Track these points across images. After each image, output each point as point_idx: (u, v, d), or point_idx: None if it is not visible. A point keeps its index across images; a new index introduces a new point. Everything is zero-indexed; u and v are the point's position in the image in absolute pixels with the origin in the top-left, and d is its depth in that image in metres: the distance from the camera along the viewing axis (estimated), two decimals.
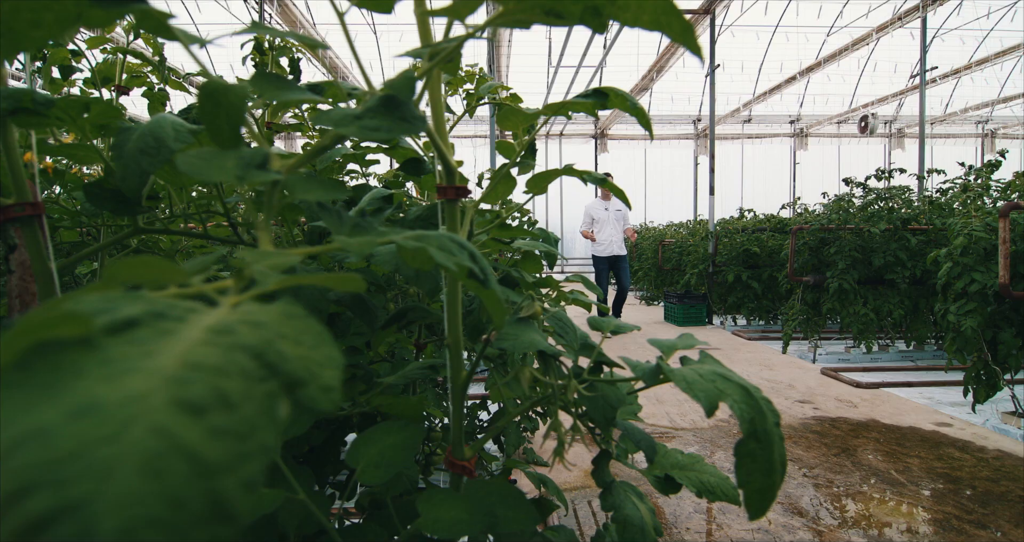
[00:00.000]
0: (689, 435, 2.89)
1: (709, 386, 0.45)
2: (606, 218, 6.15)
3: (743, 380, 0.48)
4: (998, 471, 2.39)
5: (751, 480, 0.42)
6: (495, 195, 0.75)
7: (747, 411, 0.43)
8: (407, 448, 0.55)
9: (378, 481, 0.52)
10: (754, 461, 0.42)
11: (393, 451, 0.54)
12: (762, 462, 0.42)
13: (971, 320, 2.99)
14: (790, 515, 2.01)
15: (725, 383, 0.46)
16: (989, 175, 3.67)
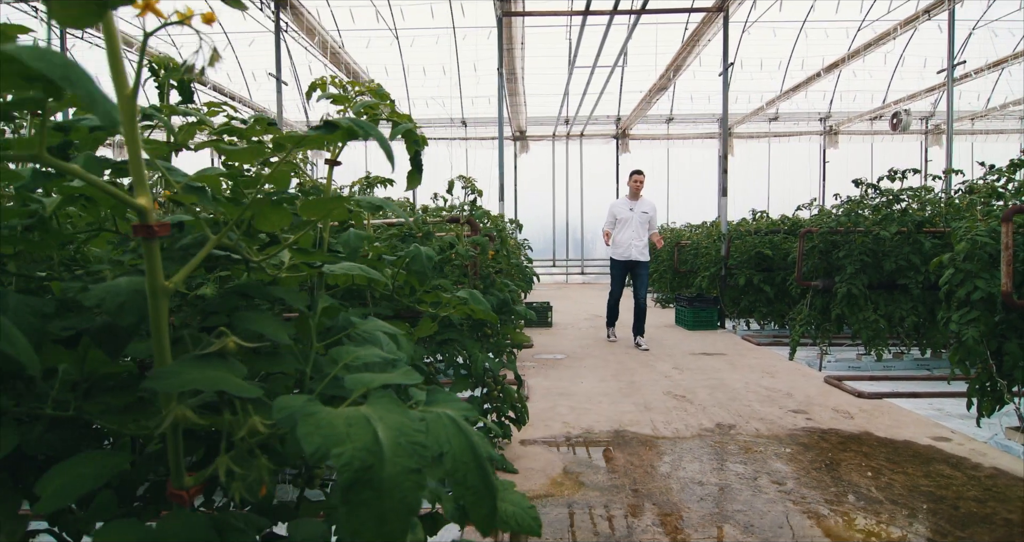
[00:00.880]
0: (667, 443, 2.83)
1: (333, 431, 0.43)
2: (629, 219, 5.46)
3: (396, 424, 0.46)
4: (988, 491, 2.26)
5: (362, 529, 0.40)
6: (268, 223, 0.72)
7: (362, 458, 0.41)
8: (98, 478, 0.51)
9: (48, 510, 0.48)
10: (368, 509, 0.41)
11: (82, 481, 0.53)
12: (375, 511, 0.41)
13: (973, 329, 2.83)
14: (748, 533, 1.95)
15: (362, 428, 0.44)
16: (1012, 175, 3.48)
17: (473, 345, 2.38)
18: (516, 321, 5.08)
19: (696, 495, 2.24)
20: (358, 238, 0.94)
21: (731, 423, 3.13)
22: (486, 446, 0.53)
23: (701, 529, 1.97)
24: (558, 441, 2.89)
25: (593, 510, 2.13)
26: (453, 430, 0.51)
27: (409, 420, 0.47)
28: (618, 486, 2.33)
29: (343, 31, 11.12)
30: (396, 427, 0.45)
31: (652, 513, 2.10)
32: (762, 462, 2.57)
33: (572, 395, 3.75)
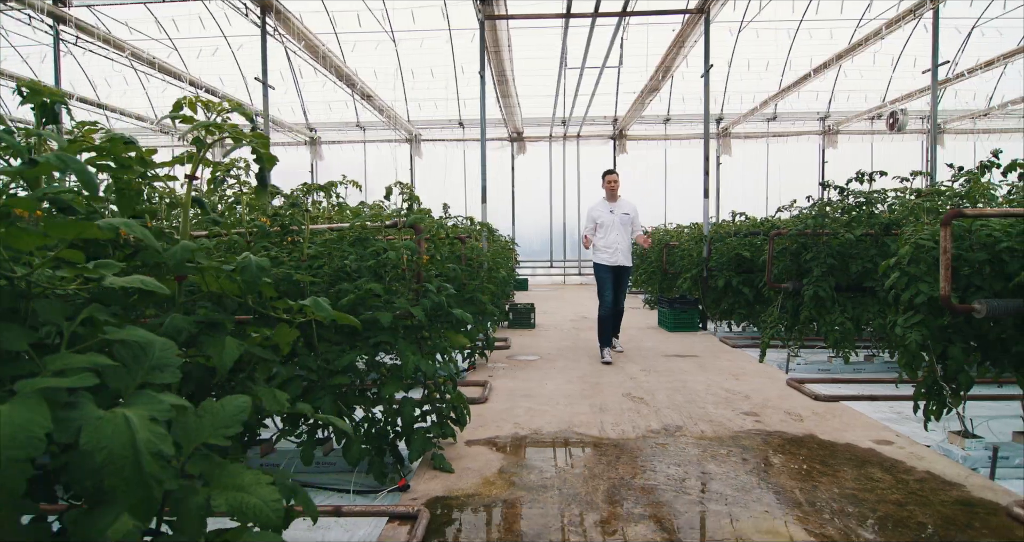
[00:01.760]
0: (610, 445, 2.86)
1: None
2: (611, 222, 5.17)
3: (23, 421, 0.52)
4: (912, 494, 2.27)
5: None
6: None
7: None
8: None
9: None
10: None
11: None
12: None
13: (916, 333, 2.84)
14: (658, 530, 1.99)
15: None
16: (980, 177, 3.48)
17: (406, 347, 2.44)
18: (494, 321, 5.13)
19: (620, 496, 2.28)
20: (184, 250, 1.00)
21: (679, 425, 3.16)
22: (163, 444, 0.58)
23: (613, 529, 2.01)
24: (504, 442, 2.94)
25: (513, 510, 2.18)
26: (120, 428, 0.57)
27: (39, 418, 0.53)
28: (547, 486, 2.38)
29: (340, 34, 11.26)
30: (21, 424, 0.51)
31: (571, 513, 2.14)
32: (696, 464, 2.60)
33: (534, 396, 3.79)
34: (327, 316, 1.22)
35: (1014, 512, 2.07)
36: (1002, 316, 2.63)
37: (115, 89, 11.87)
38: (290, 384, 2.40)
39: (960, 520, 2.07)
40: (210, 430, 0.79)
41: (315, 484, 2.63)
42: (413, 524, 2.04)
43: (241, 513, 0.74)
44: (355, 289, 2.37)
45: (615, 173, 5.35)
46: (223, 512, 0.74)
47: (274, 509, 0.76)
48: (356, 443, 2.47)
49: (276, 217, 2.52)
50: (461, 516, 2.15)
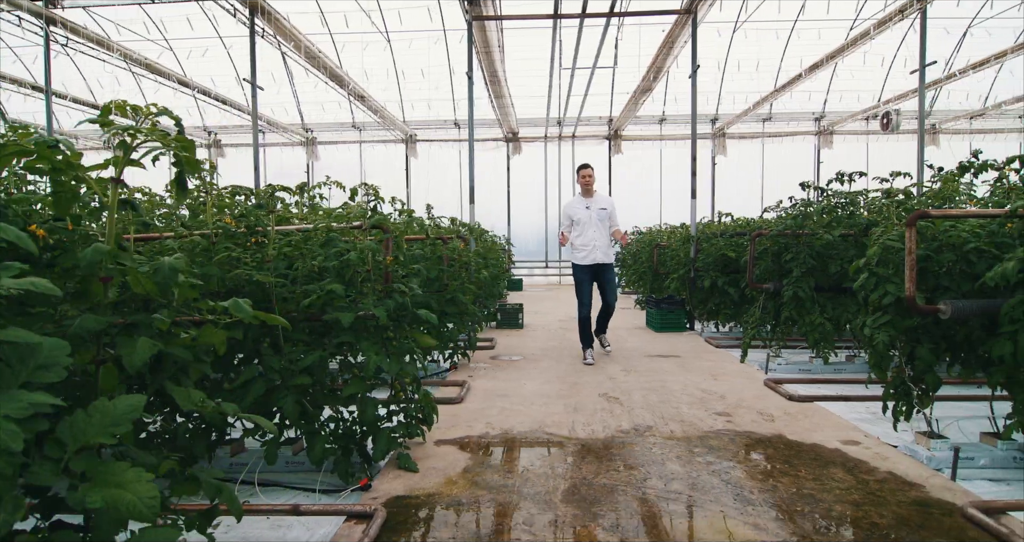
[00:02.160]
0: (577, 445, 2.87)
1: None
2: (587, 219, 4.97)
3: None
4: (870, 495, 2.28)
5: None
6: None
7: None
8: None
9: None
10: None
11: None
12: None
13: (883, 334, 2.84)
14: (610, 533, 2.00)
15: None
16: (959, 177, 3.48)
17: (368, 347, 2.46)
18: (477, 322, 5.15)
19: (579, 495, 2.29)
20: (96, 252, 1.02)
21: (650, 425, 3.17)
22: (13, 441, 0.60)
23: (565, 529, 2.03)
24: (473, 442, 2.95)
25: (470, 509, 2.20)
26: None
27: None
28: (507, 486, 2.40)
29: (334, 34, 11.28)
30: None
31: (527, 512, 2.16)
32: (660, 464, 2.61)
33: (510, 397, 3.81)
34: (247, 317, 1.24)
35: (968, 513, 2.08)
36: (967, 317, 2.63)
37: (108, 89, 11.92)
38: (252, 384, 2.43)
39: (914, 520, 2.07)
40: (99, 429, 0.80)
41: (284, 483, 2.65)
42: (368, 523, 2.05)
43: (115, 508, 0.75)
44: (318, 290, 2.39)
45: (589, 167, 5.11)
46: (97, 508, 0.75)
47: (148, 505, 0.77)
48: (319, 443, 2.50)
49: (242, 218, 2.53)
50: (418, 515, 2.16)
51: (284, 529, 2.25)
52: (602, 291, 5.09)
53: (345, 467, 2.53)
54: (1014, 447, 2.68)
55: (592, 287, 5.05)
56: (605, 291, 5.07)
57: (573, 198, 5.23)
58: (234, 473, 2.67)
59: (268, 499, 2.49)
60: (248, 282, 2.40)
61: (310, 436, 2.52)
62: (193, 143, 1.26)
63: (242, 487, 2.54)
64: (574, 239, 5.04)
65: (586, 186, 5.06)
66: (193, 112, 13.20)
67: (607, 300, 5.08)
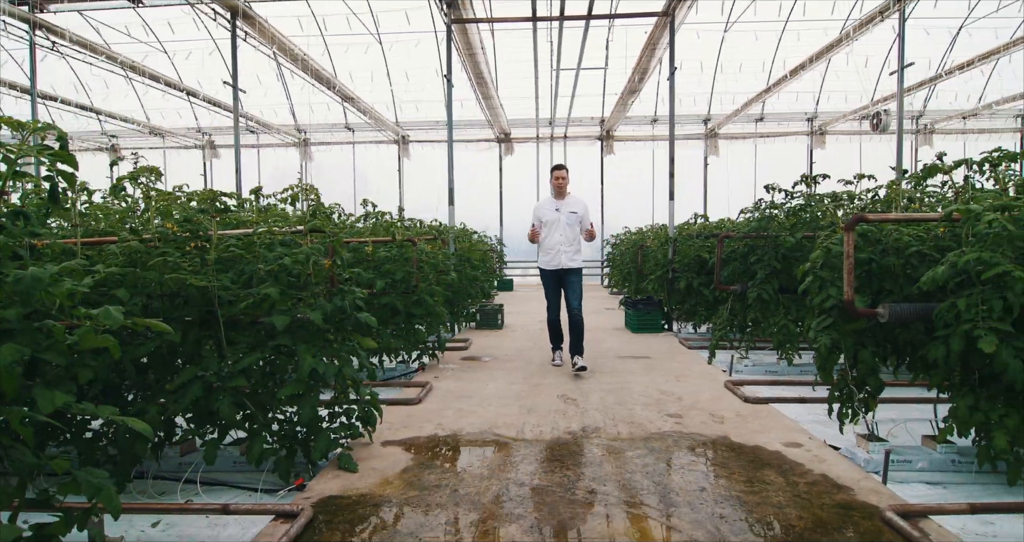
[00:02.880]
0: (521, 446, 2.90)
1: None
2: (554, 221, 4.77)
3: None
4: (796, 497, 2.30)
5: None
6: None
7: None
8: None
9: None
10: None
11: None
12: None
13: (826, 337, 2.86)
14: (529, 533, 2.03)
15: None
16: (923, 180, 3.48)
17: (305, 350, 2.49)
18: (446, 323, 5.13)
19: (509, 496, 2.32)
20: None
21: (599, 426, 3.19)
22: None
23: (487, 529, 2.06)
24: (420, 443, 2.99)
25: (397, 509, 2.23)
26: None
27: None
28: (441, 486, 2.43)
29: (327, 37, 11.35)
30: None
31: (452, 513, 2.19)
32: (597, 466, 2.64)
33: (470, 398, 3.84)
34: (115, 324, 1.27)
35: (886, 516, 2.10)
36: (905, 320, 2.65)
37: (97, 92, 12.03)
38: (190, 386, 2.47)
39: (833, 523, 2.09)
40: None
41: (231, 482, 2.70)
42: (292, 522, 2.09)
43: None
44: (255, 294, 2.43)
45: (564, 169, 4.91)
46: None
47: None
48: (258, 443, 2.54)
49: (186, 223, 2.58)
50: (344, 515, 2.20)
51: (220, 527, 2.30)
52: (565, 297, 4.84)
53: (285, 467, 2.57)
54: (953, 450, 2.69)
55: (559, 294, 4.90)
56: (568, 297, 4.79)
57: (543, 199, 5.02)
58: (181, 472, 2.71)
59: (210, 498, 2.53)
60: (188, 286, 2.44)
61: (251, 437, 2.56)
62: (74, 157, 1.30)
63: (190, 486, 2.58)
64: (541, 241, 4.88)
65: (559, 188, 4.85)
66: (188, 113, 13.31)
67: (570, 308, 4.75)
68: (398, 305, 4.31)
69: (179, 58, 11.15)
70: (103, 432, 2.61)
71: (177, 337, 2.46)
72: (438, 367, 4.84)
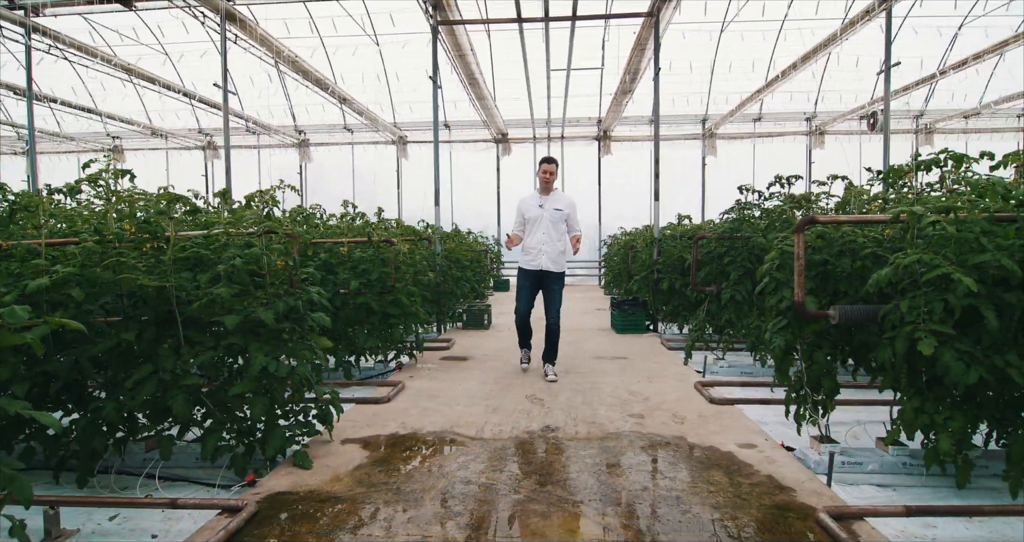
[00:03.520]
0: (477, 445, 2.94)
1: None
2: (538, 218, 4.43)
3: None
4: (736, 498, 2.32)
5: None
6: None
7: None
8: None
9: None
10: None
11: None
12: None
13: (780, 338, 2.86)
14: (464, 528, 2.07)
15: None
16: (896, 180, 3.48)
17: (257, 349, 2.55)
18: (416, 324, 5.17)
19: (452, 493, 2.36)
20: None
21: (559, 426, 3.22)
22: None
23: (421, 525, 2.09)
24: (379, 441, 3.03)
25: (338, 505, 2.27)
26: None
27: None
28: (388, 484, 2.47)
29: (324, 38, 11.44)
30: None
31: (391, 509, 2.23)
32: (547, 465, 2.67)
33: (439, 397, 3.88)
34: (18, 323, 1.32)
35: (818, 517, 2.11)
36: (855, 321, 2.65)
37: (100, 94, 12.20)
38: (145, 383, 2.53)
39: (766, 523, 2.11)
40: None
41: (192, 478, 2.75)
42: (234, 516, 2.14)
43: None
44: (207, 294, 2.48)
45: (552, 162, 4.53)
46: None
47: None
48: (211, 440, 2.59)
49: (145, 224, 2.63)
50: (287, 510, 2.24)
51: (174, 521, 2.35)
52: (545, 305, 4.50)
53: (241, 463, 2.62)
54: (905, 453, 2.68)
55: (533, 296, 4.51)
56: (547, 305, 4.48)
57: (529, 194, 4.66)
58: (146, 467, 2.77)
59: (170, 493, 2.58)
60: (142, 286, 2.50)
61: (206, 433, 2.62)
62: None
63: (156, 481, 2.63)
64: (524, 239, 4.51)
65: (546, 182, 4.49)
66: (190, 115, 13.47)
67: (549, 318, 4.43)
68: (373, 305, 4.36)
69: (178, 60, 11.30)
70: (68, 429, 2.69)
71: (131, 336, 2.52)
72: (416, 367, 4.89)
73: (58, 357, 2.58)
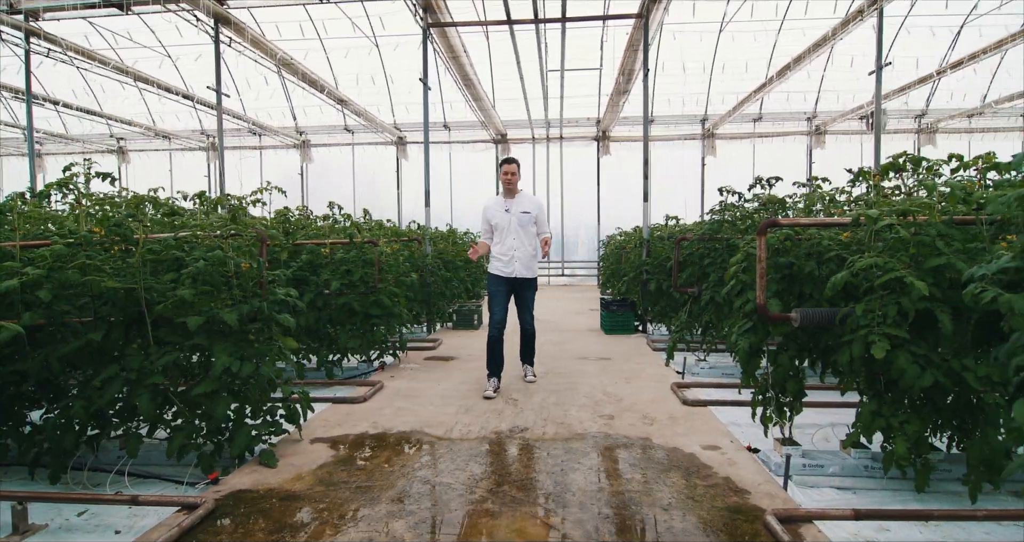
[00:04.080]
0: (444, 444, 2.97)
1: None
2: (506, 223, 4.21)
3: None
4: (688, 500, 2.33)
5: None
6: None
7: None
8: None
9: None
10: None
11: None
12: None
13: (744, 340, 2.87)
14: (415, 526, 2.10)
15: None
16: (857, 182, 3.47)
17: (221, 350, 2.59)
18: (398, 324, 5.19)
19: (409, 492, 2.39)
20: None
21: (527, 427, 3.24)
22: None
23: (376, 523, 2.12)
24: (347, 440, 3.07)
25: (296, 503, 2.31)
26: None
27: None
28: (348, 483, 2.51)
29: (324, 40, 11.52)
30: None
31: (346, 507, 2.26)
32: (508, 465, 2.69)
33: (415, 398, 3.91)
34: None
35: (765, 519, 2.12)
36: (816, 324, 2.65)
37: (105, 95, 12.36)
38: (111, 382, 2.59)
39: (713, 525, 2.12)
40: None
41: (163, 475, 2.80)
42: (190, 513, 2.19)
43: None
44: (171, 297, 2.53)
45: (513, 162, 4.29)
46: None
47: None
48: (177, 438, 2.64)
49: (116, 227, 2.69)
50: (244, 508, 2.29)
51: (138, 518, 2.39)
52: (519, 312, 4.36)
53: (208, 462, 2.66)
54: (866, 456, 2.68)
55: (507, 302, 4.27)
56: (521, 311, 4.34)
57: (494, 198, 4.39)
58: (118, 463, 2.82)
59: (139, 489, 2.63)
60: (109, 288, 2.55)
61: (173, 432, 2.67)
62: None
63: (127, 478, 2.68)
64: (493, 247, 4.29)
65: (509, 184, 4.25)
66: (193, 116, 13.61)
67: (523, 321, 4.34)
68: (355, 305, 4.41)
69: (179, 62, 11.42)
70: (40, 426, 2.75)
71: (98, 336, 2.58)
72: (399, 366, 4.93)
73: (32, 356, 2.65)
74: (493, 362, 4.15)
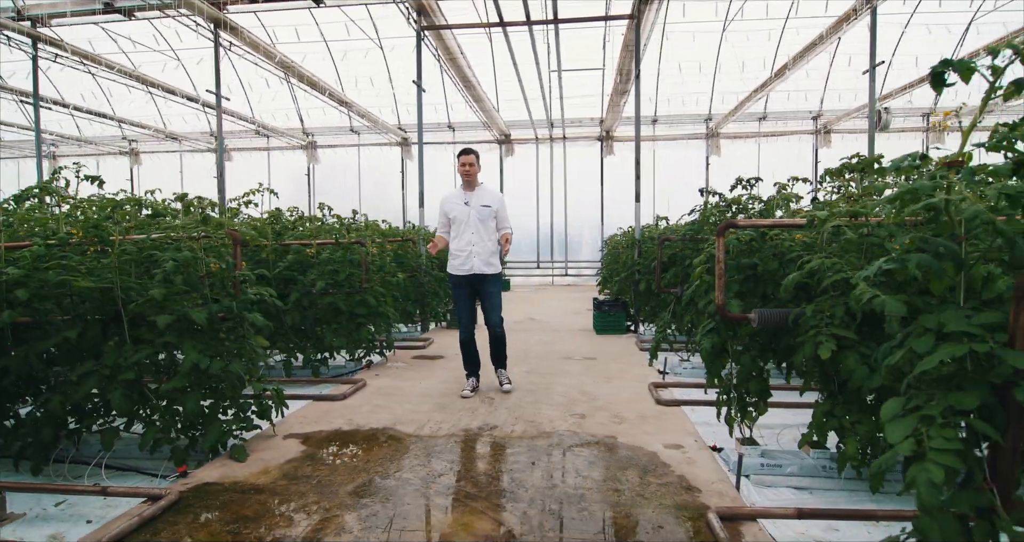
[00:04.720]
0: (413, 442, 3.03)
1: None
2: (465, 217, 4.02)
3: None
4: (639, 497, 2.36)
5: None
6: None
7: None
8: None
9: None
10: None
11: None
12: None
13: (707, 340, 2.89)
14: (366, 523, 2.16)
15: None
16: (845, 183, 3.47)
17: (190, 347, 2.68)
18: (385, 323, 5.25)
19: (368, 488, 2.46)
20: None
21: (498, 425, 3.30)
22: None
23: (326, 516, 2.19)
24: (319, 436, 3.15)
25: (257, 496, 2.39)
26: None
27: None
28: (311, 477, 2.58)
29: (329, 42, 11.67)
30: None
31: (304, 500, 2.34)
32: (469, 462, 2.75)
33: (394, 395, 3.99)
34: None
35: (707, 517, 2.15)
36: (774, 325, 2.67)
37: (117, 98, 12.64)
38: (87, 378, 2.69)
39: (656, 522, 2.16)
40: None
41: (141, 468, 2.90)
42: (153, 504, 2.28)
43: None
44: (143, 296, 2.63)
45: (472, 153, 4.11)
46: None
47: None
48: (149, 432, 2.74)
49: (94, 229, 2.79)
50: (206, 500, 2.37)
51: (112, 508, 2.49)
52: (483, 310, 4.15)
53: (180, 455, 2.76)
54: (825, 456, 2.69)
55: (472, 302, 4.15)
56: (485, 310, 4.13)
57: (452, 191, 4.22)
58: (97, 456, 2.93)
59: (116, 481, 2.74)
60: (83, 287, 2.66)
61: (146, 426, 2.77)
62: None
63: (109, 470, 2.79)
64: (452, 242, 4.12)
65: (467, 176, 4.08)
66: (202, 119, 13.87)
67: (489, 324, 4.12)
68: (341, 305, 4.50)
69: (187, 65, 11.64)
70: (23, 420, 2.87)
71: (73, 334, 2.68)
72: (385, 365, 5.01)
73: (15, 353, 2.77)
74: (469, 363, 4.15)
